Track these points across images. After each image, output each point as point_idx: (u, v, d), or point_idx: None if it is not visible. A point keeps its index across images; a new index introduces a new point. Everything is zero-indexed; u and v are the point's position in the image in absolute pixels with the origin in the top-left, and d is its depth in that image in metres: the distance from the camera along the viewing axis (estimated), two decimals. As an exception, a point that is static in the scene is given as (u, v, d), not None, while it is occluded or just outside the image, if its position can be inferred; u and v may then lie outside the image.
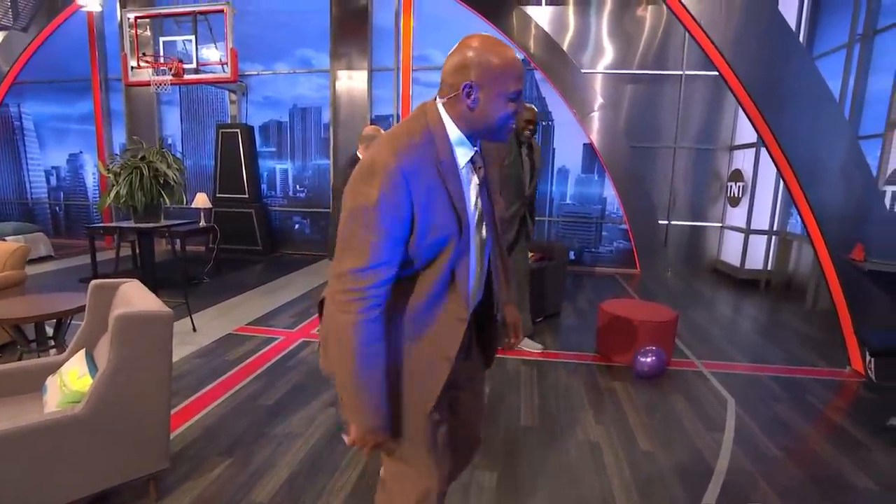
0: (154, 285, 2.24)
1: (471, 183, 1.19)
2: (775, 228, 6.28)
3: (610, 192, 7.29)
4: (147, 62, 6.80)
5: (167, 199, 4.80)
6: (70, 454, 1.70)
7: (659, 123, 7.13)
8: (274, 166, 8.24)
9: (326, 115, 7.84)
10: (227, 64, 6.66)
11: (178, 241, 5.67)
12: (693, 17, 3.43)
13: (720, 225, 7.28)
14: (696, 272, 7.25)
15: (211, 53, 6.97)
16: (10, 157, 9.11)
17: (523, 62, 1.23)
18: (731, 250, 7.01)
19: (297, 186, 8.24)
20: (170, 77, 6.65)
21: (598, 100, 6.90)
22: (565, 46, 6.96)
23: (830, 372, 3.60)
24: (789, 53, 3.40)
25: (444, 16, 7.17)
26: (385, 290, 1.09)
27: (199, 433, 2.53)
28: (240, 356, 3.59)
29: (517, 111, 1.12)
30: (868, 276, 2.90)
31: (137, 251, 5.73)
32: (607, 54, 7.05)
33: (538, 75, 7.13)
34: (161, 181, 4.65)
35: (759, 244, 6.45)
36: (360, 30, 7.49)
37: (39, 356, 2.70)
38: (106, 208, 6.75)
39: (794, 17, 5.83)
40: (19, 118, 8.95)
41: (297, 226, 8.33)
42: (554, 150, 7.38)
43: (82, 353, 2.05)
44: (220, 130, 7.70)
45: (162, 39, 7.01)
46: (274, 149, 8.19)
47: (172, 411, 2.54)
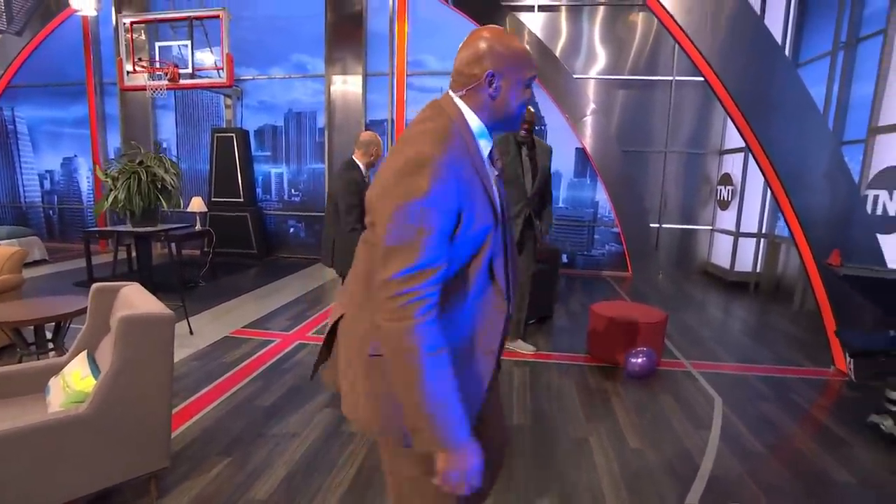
0: (152, 289, 2.28)
1: (492, 175, 1.18)
2: (764, 231, 6.39)
3: (602, 195, 7.39)
4: (143, 67, 6.83)
5: (165, 204, 4.84)
6: (74, 453, 1.75)
7: (650, 128, 7.24)
8: (269, 170, 8.28)
9: (321, 120, 7.89)
10: (222, 69, 6.70)
11: (173, 244, 5.69)
12: (681, 27, 3.53)
13: (710, 228, 7.39)
14: (686, 275, 7.35)
15: (206, 57, 7.00)
16: (4, 161, 9.09)
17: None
18: (720, 253, 7.12)
19: (293, 190, 8.28)
20: (165, 82, 6.68)
21: (591, 105, 6.99)
22: (558, 52, 7.07)
23: (815, 371, 3.70)
24: (774, 65, 3.51)
25: (437, 21, 7.26)
26: (438, 289, 1.02)
27: (198, 434, 2.58)
28: (237, 358, 3.63)
29: (529, 99, 1.16)
30: (844, 280, 2.99)
31: (133, 255, 5.76)
32: (599, 60, 7.16)
33: (531, 80, 7.21)
34: (158, 186, 4.69)
35: (748, 247, 6.56)
36: (354, 35, 7.57)
37: (39, 359, 2.73)
38: (100, 212, 6.77)
39: (781, 24, 5.95)
40: (13, 122, 8.94)
41: (291, 229, 8.36)
42: (547, 154, 7.46)
43: (84, 354, 2.09)
44: (216, 134, 7.73)
45: (158, 44, 7.04)
46: (269, 153, 8.23)
47: (172, 412, 2.58)
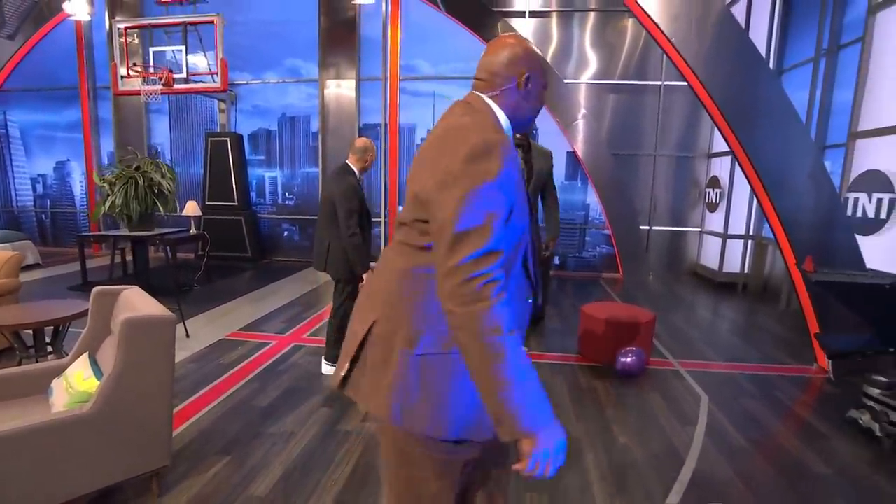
0: (148, 293, 2.33)
1: None
2: (751, 233, 6.52)
3: (593, 198, 7.49)
4: (137, 72, 6.86)
5: (161, 208, 4.88)
6: (78, 452, 1.80)
7: (640, 132, 7.36)
8: (263, 174, 8.33)
9: (315, 124, 7.95)
10: (217, 73, 6.74)
11: (169, 248, 5.71)
12: (666, 37, 3.63)
13: (699, 230, 7.52)
14: (676, 276, 7.47)
15: (200, 61, 7.05)
16: (-4, 165, 9.08)
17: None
18: (709, 254, 7.25)
19: (287, 194, 8.33)
20: (160, 87, 6.72)
21: (581, 109, 7.10)
22: (549, 57, 7.18)
23: (799, 369, 3.80)
24: (758, 75, 3.62)
25: (430, 27, 7.35)
26: (504, 272, 1.02)
27: (196, 434, 2.63)
28: (233, 360, 3.68)
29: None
30: (817, 286, 3.09)
31: (128, 258, 5.78)
32: (590, 65, 7.27)
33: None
34: (155, 191, 4.73)
35: (736, 248, 6.68)
36: (348, 40, 7.64)
37: (38, 361, 2.77)
38: (98, 217, 6.78)
39: (766, 31, 6.09)
40: (5, 126, 8.93)
41: (286, 233, 8.41)
42: (538, 157, 7.56)
43: (86, 356, 2.14)
44: (210, 139, 7.77)
45: (152, 49, 7.08)
46: (263, 157, 8.28)
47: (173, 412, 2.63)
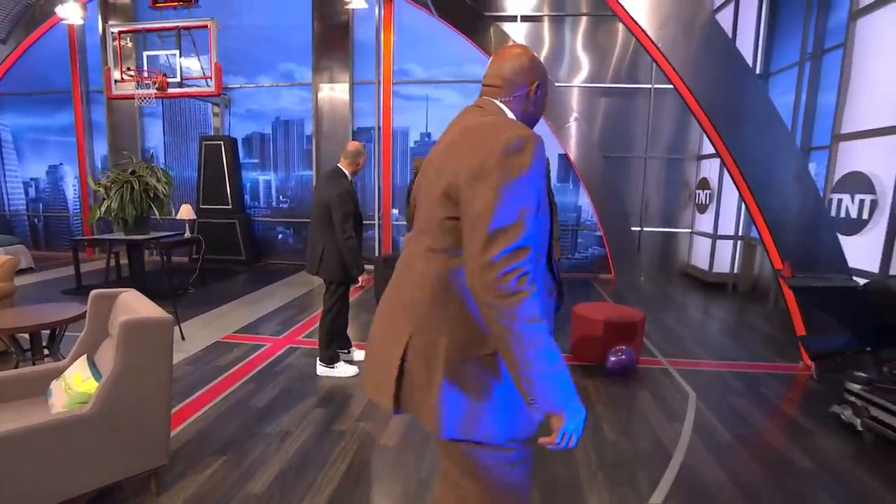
0: (144, 296, 2.38)
1: None
2: (740, 233, 6.62)
3: (585, 200, 7.58)
4: (131, 76, 6.88)
5: (157, 212, 4.91)
6: (77, 451, 1.84)
7: (631, 134, 7.45)
8: (257, 177, 8.36)
9: (309, 128, 7.99)
10: (210, 78, 6.77)
11: (163, 252, 5.73)
12: (654, 43, 3.71)
13: (689, 231, 7.62)
14: (668, 276, 7.57)
15: (194, 65, 7.07)
16: (-13, 169, 9.05)
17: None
18: (700, 255, 7.35)
19: (281, 197, 8.35)
20: (154, 91, 6.74)
21: (573, 112, 7.19)
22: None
23: (785, 367, 3.88)
24: (744, 82, 3.72)
25: (423, 31, 7.42)
26: (534, 266, 1.07)
27: (193, 434, 2.66)
28: (229, 362, 3.72)
29: None
30: (793, 291, 3.16)
31: (123, 262, 5.79)
32: (581, 69, 7.36)
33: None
34: (151, 195, 4.76)
35: (725, 249, 6.78)
36: (341, 44, 7.69)
37: (35, 364, 2.80)
38: (94, 221, 6.78)
39: (752, 36, 6.20)
40: (-4, 130, 8.91)
41: (280, 236, 8.43)
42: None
43: (84, 358, 2.18)
44: (204, 142, 7.79)
45: (146, 53, 7.10)
46: (257, 160, 8.30)
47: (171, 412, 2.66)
